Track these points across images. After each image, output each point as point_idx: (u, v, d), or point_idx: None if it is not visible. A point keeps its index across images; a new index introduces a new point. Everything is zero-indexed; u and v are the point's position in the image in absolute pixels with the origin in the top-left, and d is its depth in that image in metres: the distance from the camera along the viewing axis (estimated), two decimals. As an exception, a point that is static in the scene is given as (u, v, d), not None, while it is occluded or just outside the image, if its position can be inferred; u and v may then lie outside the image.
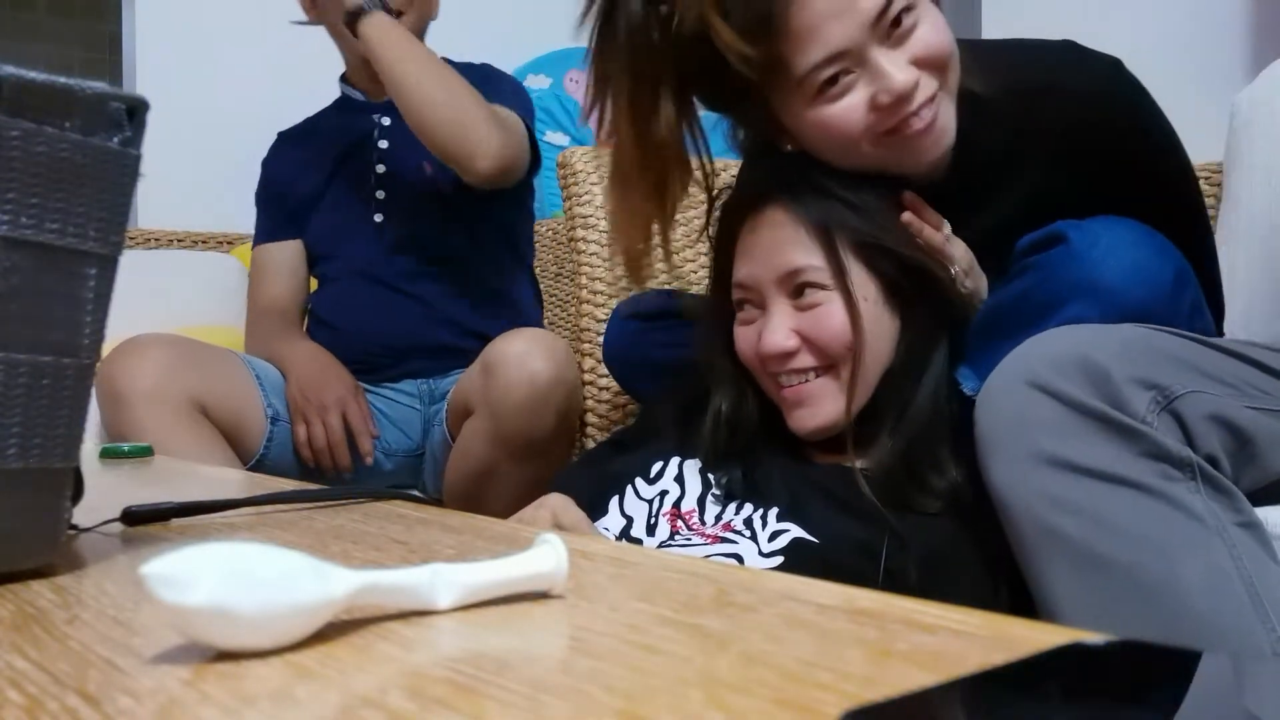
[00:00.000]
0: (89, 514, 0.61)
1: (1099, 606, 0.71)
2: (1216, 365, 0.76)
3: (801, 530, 0.86)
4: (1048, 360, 0.74)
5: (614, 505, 0.95)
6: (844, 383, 0.92)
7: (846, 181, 0.93)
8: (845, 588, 0.44)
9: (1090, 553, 0.71)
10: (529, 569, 0.43)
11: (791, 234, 0.92)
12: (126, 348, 1.40)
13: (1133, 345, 0.75)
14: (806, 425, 0.93)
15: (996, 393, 0.78)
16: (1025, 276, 0.92)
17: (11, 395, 0.47)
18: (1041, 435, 0.73)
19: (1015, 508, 0.75)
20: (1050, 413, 0.73)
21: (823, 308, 0.91)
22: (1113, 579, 0.70)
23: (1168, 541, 0.69)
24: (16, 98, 0.45)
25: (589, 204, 1.53)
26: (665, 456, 0.98)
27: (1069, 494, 0.72)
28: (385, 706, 0.30)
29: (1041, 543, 0.74)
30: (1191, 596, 0.68)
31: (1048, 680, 0.32)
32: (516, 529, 0.65)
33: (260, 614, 0.35)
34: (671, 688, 0.32)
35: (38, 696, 0.32)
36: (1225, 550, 0.69)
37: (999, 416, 0.77)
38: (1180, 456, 0.71)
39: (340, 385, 1.52)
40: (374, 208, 1.68)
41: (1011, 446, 0.75)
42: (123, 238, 0.51)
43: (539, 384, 1.33)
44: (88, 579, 0.50)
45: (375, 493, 0.77)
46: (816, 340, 0.92)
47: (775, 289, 0.93)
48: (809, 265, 0.91)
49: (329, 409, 1.49)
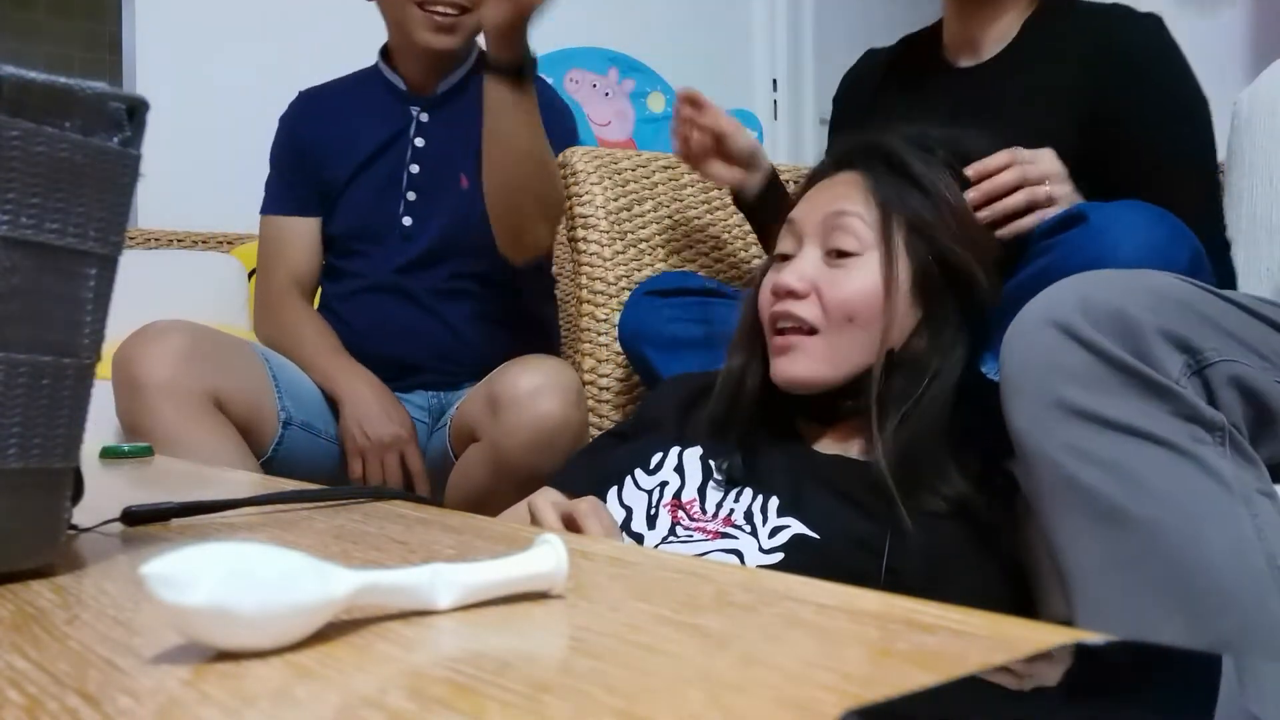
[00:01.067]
0: (89, 514, 0.61)
1: (1115, 561, 0.70)
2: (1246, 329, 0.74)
3: (802, 526, 0.86)
4: (1080, 305, 0.73)
5: (613, 496, 0.95)
6: (835, 350, 0.92)
7: (927, 165, 0.96)
8: (845, 588, 0.44)
9: (1111, 506, 0.69)
10: (529, 569, 0.43)
11: (855, 191, 0.95)
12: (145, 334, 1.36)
13: (1165, 297, 0.73)
14: (785, 372, 0.94)
15: (1025, 334, 0.76)
16: (1045, 256, 0.93)
17: (11, 395, 0.47)
18: (1069, 384, 0.72)
19: (1037, 455, 0.74)
20: (1079, 361, 0.71)
21: (846, 271, 0.92)
22: (1133, 535, 0.69)
23: (1193, 503, 0.68)
24: (16, 98, 0.45)
25: (589, 204, 1.53)
26: (665, 447, 0.98)
27: (1095, 446, 0.70)
28: (385, 706, 0.30)
29: (1062, 492, 0.72)
30: (1213, 561, 0.67)
31: (1048, 680, 0.32)
32: (516, 529, 0.65)
33: (260, 614, 0.35)
34: (671, 688, 0.32)
35: (38, 696, 0.32)
36: (1249, 518, 0.68)
37: (1026, 359, 0.75)
38: (1212, 419, 0.69)
39: (399, 427, 1.48)
40: (404, 209, 1.60)
41: (1037, 392, 0.73)
42: (123, 238, 0.51)
43: (546, 426, 1.32)
44: (88, 579, 0.50)
45: (375, 492, 0.77)
46: (828, 297, 0.92)
47: (816, 231, 0.95)
48: (853, 213, 0.93)
49: (388, 450, 1.47)
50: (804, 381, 0.93)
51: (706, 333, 1.26)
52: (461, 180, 1.58)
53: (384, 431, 1.46)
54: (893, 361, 0.91)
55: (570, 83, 2.58)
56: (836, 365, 0.92)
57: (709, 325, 1.27)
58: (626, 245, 1.54)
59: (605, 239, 1.53)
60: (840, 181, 0.97)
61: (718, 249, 1.61)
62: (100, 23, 3.65)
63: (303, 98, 1.71)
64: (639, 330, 1.33)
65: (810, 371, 0.93)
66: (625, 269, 1.53)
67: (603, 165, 1.57)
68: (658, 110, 2.72)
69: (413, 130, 1.61)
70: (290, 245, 1.64)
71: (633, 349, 1.35)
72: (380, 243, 1.61)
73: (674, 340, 1.29)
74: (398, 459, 1.47)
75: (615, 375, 1.51)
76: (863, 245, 0.92)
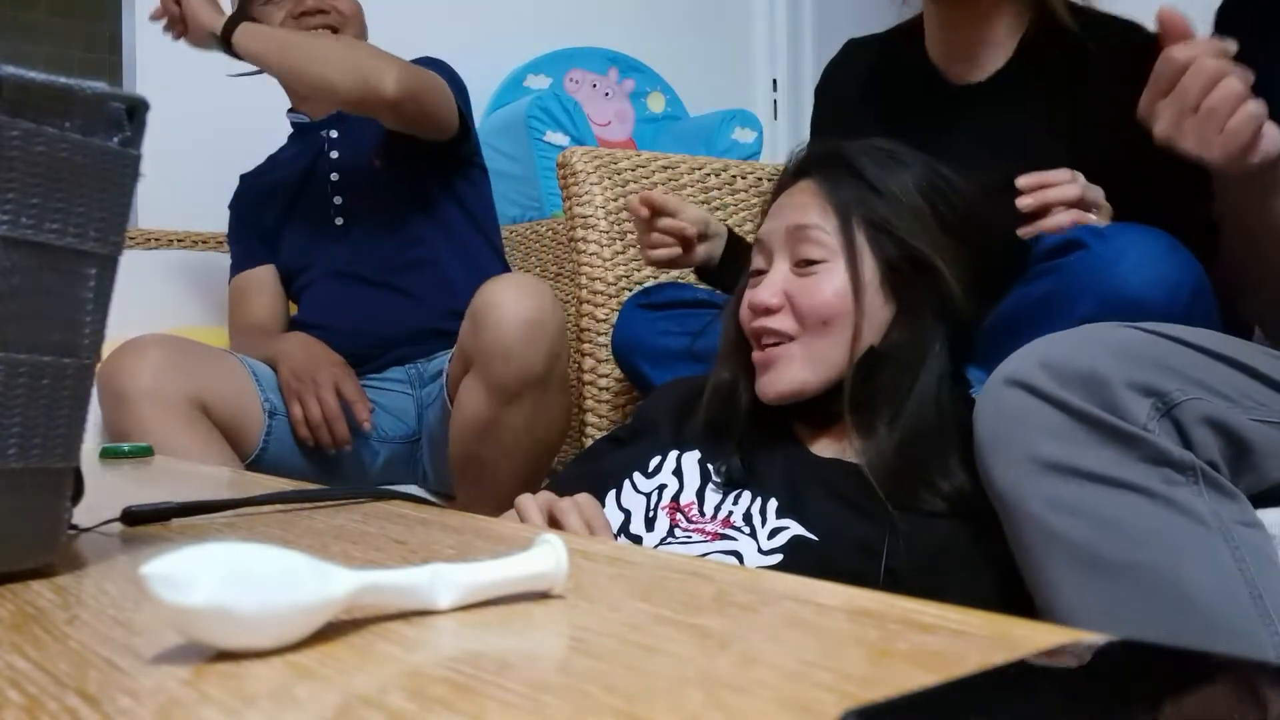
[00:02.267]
0: (89, 514, 0.61)
1: (1102, 608, 0.71)
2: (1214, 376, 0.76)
3: (801, 528, 0.86)
4: (1045, 367, 0.75)
5: (611, 500, 0.96)
6: (815, 353, 0.93)
7: (883, 167, 0.97)
8: (845, 588, 0.44)
9: (1092, 555, 0.71)
10: (529, 569, 0.43)
11: (813, 201, 0.97)
12: (126, 348, 1.41)
13: (1130, 350, 0.75)
14: (769, 390, 0.95)
15: (994, 396, 0.78)
16: (1044, 280, 0.93)
17: (11, 395, 0.47)
18: (1040, 439, 0.73)
19: (1016, 510, 0.75)
20: (1047, 416, 0.73)
21: (816, 277, 0.94)
22: (1116, 581, 0.70)
23: (1171, 543, 0.69)
24: (16, 98, 0.45)
25: (589, 204, 1.53)
26: (663, 450, 0.98)
27: (1070, 497, 0.72)
28: (385, 706, 0.30)
29: (1043, 545, 0.74)
30: (1196, 598, 0.68)
31: (1048, 680, 0.32)
32: (517, 529, 0.65)
33: (260, 614, 0.35)
34: (671, 688, 0.32)
35: (38, 696, 0.32)
36: (1229, 551, 0.69)
37: (998, 419, 0.77)
38: (1181, 460, 0.71)
39: (330, 363, 1.55)
40: (334, 212, 1.75)
41: (1010, 449, 0.75)
42: (123, 238, 0.51)
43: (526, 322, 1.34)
44: (88, 579, 0.50)
45: (375, 492, 0.77)
46: (800, 305, 0.94)
47: (782, 246, 0.97)
48: (814, 225, 0.95)
49: (322, 385, 1.52)
50: (787, 394, 0.94)
51: (700, 346, 1.26)
52: (374, 162, 1.71)
53: (316, 370, 1.53)
54: (874, 358, 0.92)
55: (570, 83, 2.58)
56: (817, 369, 0.93)
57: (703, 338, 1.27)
58: (626, 245, 1.54)
59: (605, 239, 1.53)
60: (799, 190, 0.99)
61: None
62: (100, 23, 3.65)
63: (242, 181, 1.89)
64: (632, 344, 1.33)
65: (791, 382, 0.94)
66: (625, 269, 1.53)
67: (602, 165, 1.57)
68: (658, 110, 2.72)
69: (326, 147, 1.78)
70: (250, 293, 1.79)
71: (626, 362, 1.35)
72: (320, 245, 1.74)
73: (668, 353, 1.29)
74: (333, 390, 1.52)
75: (615, 375, 1.51)
76: (828, 252, 0.94)
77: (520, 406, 1.37)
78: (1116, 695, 0.30)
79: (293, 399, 1.52)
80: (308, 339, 1.62)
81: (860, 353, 0.92)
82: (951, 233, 0.95)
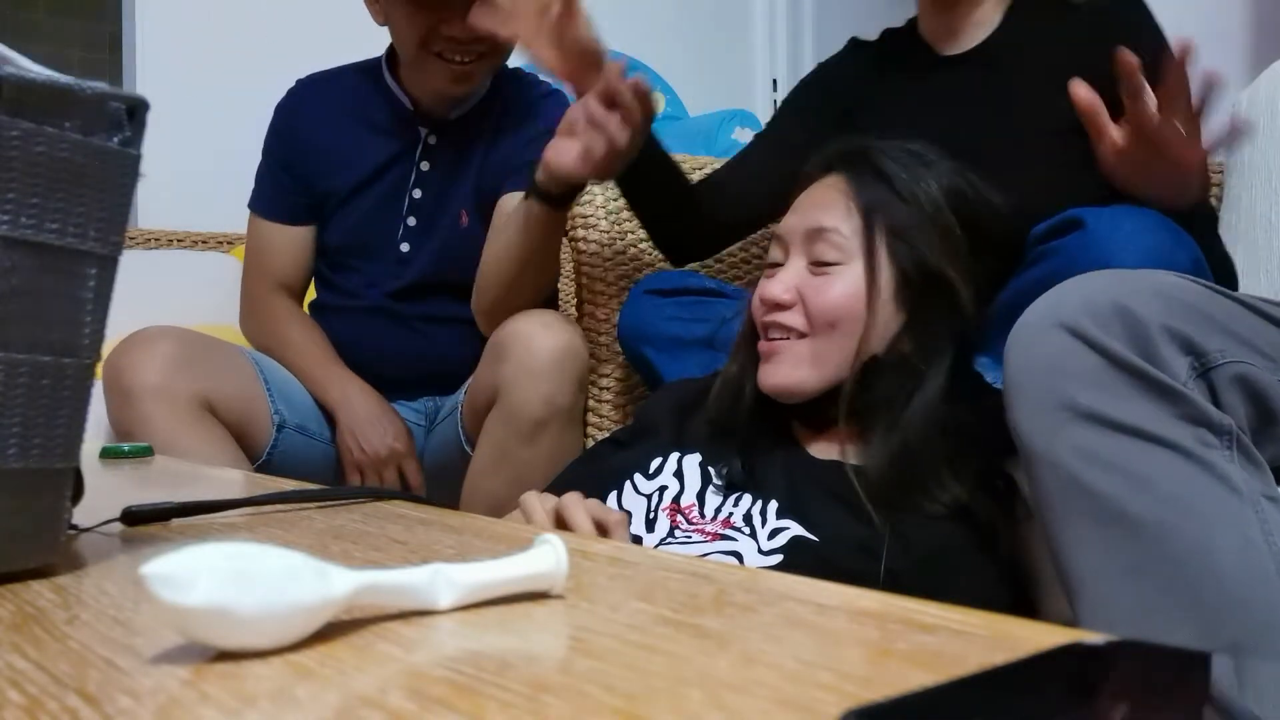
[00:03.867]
0: (89, 514, 0.61)
1: (1122, 566, 0.69)
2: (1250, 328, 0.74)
3: (801, 528, 0.86)
4: (1085, 306, 0.72)
5: (612, 501, 0.96)
6: (819, 353, 0.93)
7: (911, 173, 0.96)
8: (845, 588, 0.44)
9: (1120, 510, 0.69)
10: (529, 569, 0.43)
11: (836, 198, 0.96)
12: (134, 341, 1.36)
13: (1170, 297, 0.73)
14: (769, 380, 0.95)
15: (1029, 335, 0.75)
16: (1043, 263, 0.92)
17: (11, 395, 0.47)
18: (1076, 386, 0.71)
19: (1042, 457, 0.73)
20: (1087, 363, 0.71)
21: (830, 278, 0.93)
22: (1141, 539, 0.68)
23: (1202, 507, 0.68)
24: (16, 98, 0.45)
25: (589, 204, 1.53)
26: (664, 452, 0.98)
27: (1102, 448, 0.70)
28: (385, 706, 0.30)
29: (1068, 495, 0.72)
30: (1222, 565, 0.66)
31: (1048, 680, 0.32)
32: (516, 529, 0.65)
33: (260, 614, 0.35)
34: (671, 688, 0.32)
35: (38, 696, 0.32)
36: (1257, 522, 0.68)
37: (1031, 361, 0.74)
38: (1220, 423, 0.69)
39: (396, 441, 1.48)
40: (402, 234, 1.56)
41: (1042, 394, 0.73)
42: (123, 238, 0.51)
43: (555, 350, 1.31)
44: (88, 579, 0.50)
45: (375, 492, 0.77)
46: (811, 304, 0.93)
47: (799, 243, 0.96)
48: (833, 228, 0.94)
49: (385, 464, 1.46)
50: (787, 388, 0.94)
51: (707, 332, 1.26)
52: (462, 217, 1.54)
53: (380, 446, 1.46)
54: (877, 366, 0.92)
55: (570, 83, 2.58)
56: (819, 370, 0.93)
57: (710, 324, 1.27)
58: (626, 245, 1.54)
59: (605, 239, 1.53)
60: (825, 186, 0.98)
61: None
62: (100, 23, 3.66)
63: (302, 88, 1.62)
64: (639, 330, 1.32)
65: (792, 378, 0.94)
66: (625, 269, 1.53)
67: (603, 165, 1.57)
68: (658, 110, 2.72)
69: (419, 153, 1.55)
70: (278, 252, 1.60)
71: (632, 349, 1.35)
72: (374, 261, 1.57)
73: (675, 340, 1.29)
74: (395, 473, 1.47)
75: (615, 375, 1.51)
76: (845, 255, 0.93)
77: (542, 441, 1.34)
78: (1116, 695, 0.30)
79: (353, 471, 1.46)
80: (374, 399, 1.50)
81: (864, 359, 0.92)
82: (974, 250, 0.95)
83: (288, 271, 1.60)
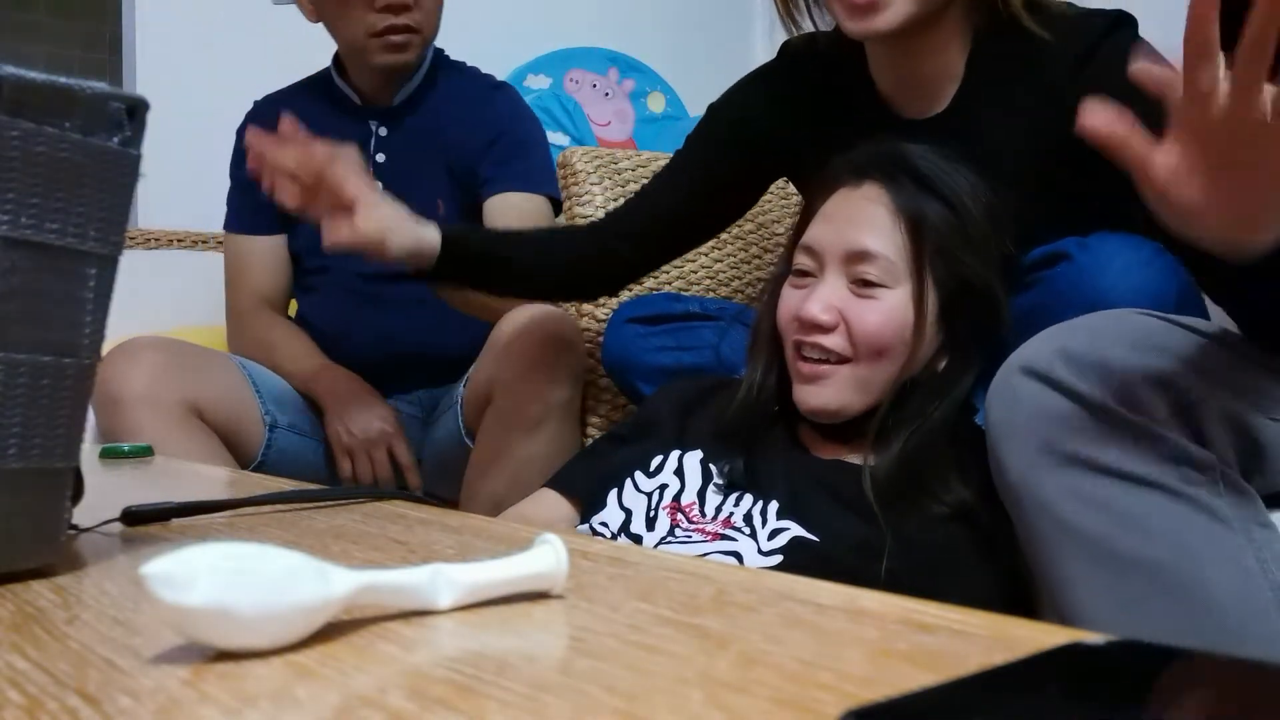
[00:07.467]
0: (89, 514, 0.61)
1: (1119, 605, 0.70)
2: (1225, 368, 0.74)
3: (801, 529, 0.86)
4: (1063, 357, 0.72)
5: (612, 499, 0.95)
6: (863, 379, 0.91)
7: (952, 177, 0.92)
8: (845, 588, 0.44)
9: (1111, 551, 0.69)
10: (529, 569, 0.43)
11: (878, 214, 0.91)
12: (120, 351, 1.38)
13: (1144, 342, 0.73)
14: (810, 402, 0.92)
15: (1007, 385, 0.75)
16: (1030, 293, 0.92)
17: (11, 395, 0.47)
18: (1056, 429, 0.71)
19: (1029, 501, 0.73)
20: (1064, 408, 0.71)
21: (875, 302, 0.90)
22: (1135, 578, 0.69)
23: (1193, 543, 0.68)
24: (16, 98, 0.45)
25: (589, 204, 1.53)
26: (665, 450, 0.98)
27: (1090, 491, 0.70)
28: (385, 706, 0.30)
29: (1057, 538, 0.72)
30: (1218, 598, 0.67)
31: (1048, 680, 0.32)
32: (516, 529, 0.65)
33: (260, 614, 0.35)
34: (671, 688, 0.32)
35: (38, 696, 0.32)
36: (1251, 552, 0.68)
37: (1011, 409, 0.75)
38: (1202, 459, 0.69)
39: (382, 420, 1.49)
40: None
41: (1026, 439, 0.73)
42: (123, 238, 0.51)
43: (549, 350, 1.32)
44: (88, 579, 0.50)
45: (375, 493, 0.77)
46: (857, 330, 0.90)
47: (838, 262, 0.92)
48: (880, 255, 0.90)
49: (375, 445, 1.47)
50: (832, 412, 0.92)
51: (699, 362, 1.24)
52: (438, 206, 1.54)
53: (369, 428, 1.47)
54: (913, 385, 0.91)
55: (570, 83, 2.58)
56: (862, 394, 0.92)
57: (701, 352, 1.24)
58: (626, 245, 1.54)
59: (605, 239, 1.53)
60: (862, 197, 0.93)
61: (716, 248, 1.61)
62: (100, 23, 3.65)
63: (257, 108, 1.69)
64: (626, 362, 1.30)
65: (840, 402, 0.92)
66: (625, 269, 1.53)
67: (602, 165, 1.57)
68: (658, 110, 2.72)
69: (372, 146, 1.60)
70: (253, 265, 1.65)
71: (622, 380, 1.34)
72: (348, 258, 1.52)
73: (665, 371, 1.26)
74: (385, 453, 1.48)
75: (615, 375, 1.51)
76: (892, 279, 0.90)
77: (540, 438, 1.34)
78: (1116, 695, 0.30)
79: (343, 455, 1.47)
80: (360, 385, 1.52)
81: (903, 380, 0.91)
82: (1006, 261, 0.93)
83: (267, 283, 1.65)
